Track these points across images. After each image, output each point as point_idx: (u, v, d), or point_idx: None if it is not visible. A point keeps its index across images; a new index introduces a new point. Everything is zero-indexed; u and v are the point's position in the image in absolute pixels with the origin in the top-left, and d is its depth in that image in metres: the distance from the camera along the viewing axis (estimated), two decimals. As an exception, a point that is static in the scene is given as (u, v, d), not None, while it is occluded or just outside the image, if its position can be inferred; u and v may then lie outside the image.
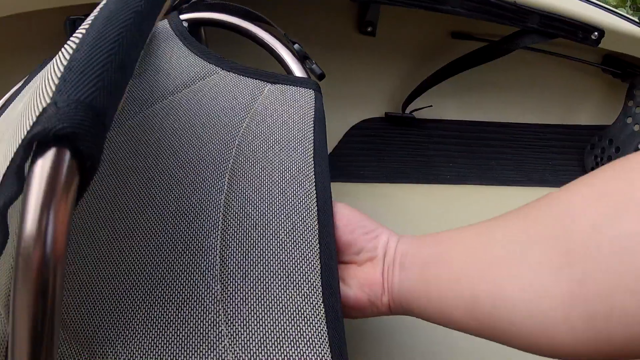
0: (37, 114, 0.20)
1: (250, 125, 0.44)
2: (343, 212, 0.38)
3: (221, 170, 0.40)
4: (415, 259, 0.34)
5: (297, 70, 0.54)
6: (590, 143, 0.92)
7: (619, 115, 0.91)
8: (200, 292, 0.32)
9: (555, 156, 0.92)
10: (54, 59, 0.26)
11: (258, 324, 0.31)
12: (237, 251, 0.34)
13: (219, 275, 0.33)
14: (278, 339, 0.30)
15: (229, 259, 0.34)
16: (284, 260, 0.34)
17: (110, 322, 0.31)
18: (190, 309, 0.32)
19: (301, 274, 0.33)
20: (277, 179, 0.39)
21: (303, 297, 0.32)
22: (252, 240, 0.35)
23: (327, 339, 0.30)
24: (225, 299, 0.32)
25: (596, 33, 0.80)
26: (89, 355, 0.30)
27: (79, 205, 0.31)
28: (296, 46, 0.54)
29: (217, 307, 0.32)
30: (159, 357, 0.30)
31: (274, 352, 0.30)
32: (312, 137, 0.43)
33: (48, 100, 0.20)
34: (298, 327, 0.31)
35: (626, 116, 0.90)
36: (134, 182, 0.39)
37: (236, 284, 0.33)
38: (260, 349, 0.30)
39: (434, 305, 0.31)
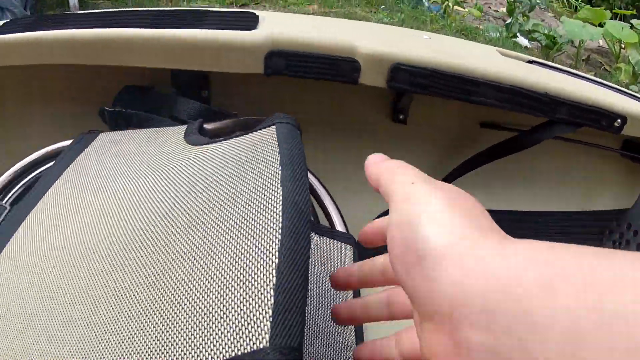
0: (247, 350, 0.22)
1: None
2: None
3: None
4: None
5: (339, 224, 0.56)
6: (609, 229, 0.92)
7: (637, 199, 0.90)
8: None
9: (575, 242, 0.96)
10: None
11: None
12: None
13: None
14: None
15: None
16: None
17: None
18: None
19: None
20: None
21: None
22: None
23: None
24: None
25: (619, 120, 0.79)
26: None
27: None
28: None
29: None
30: None
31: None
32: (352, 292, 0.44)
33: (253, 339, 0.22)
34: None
35: None
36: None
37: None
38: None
39: None
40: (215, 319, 0.25)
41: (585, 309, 0.15)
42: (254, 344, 0.22)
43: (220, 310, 0.25)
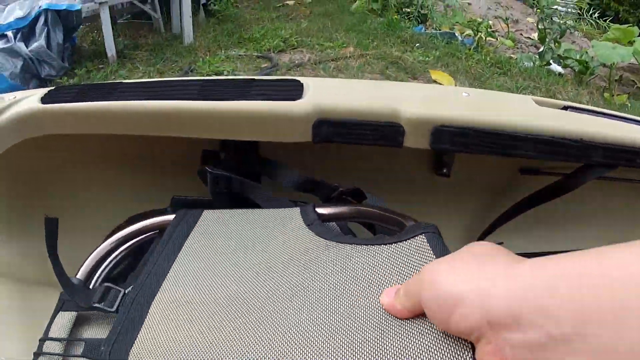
0: None
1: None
2: None
3: None
4: None
5: None
6: None
7: None
8: None
9: None
10: None
11: None
12: None
13: None
14: None
15: None
16: None
17: None
18: None
19: None
20: None
21: None
22: None
23: None
24: None
25: None
26: None
27: None
28: None
29: None
30: None
31: None
32: None
33: None
34: None
35: None
36: None
37: None
38: None
39: None
40: None
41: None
42: None
43: None
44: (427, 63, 2.88)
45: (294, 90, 0.73)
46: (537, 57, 3.25)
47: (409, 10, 3.36)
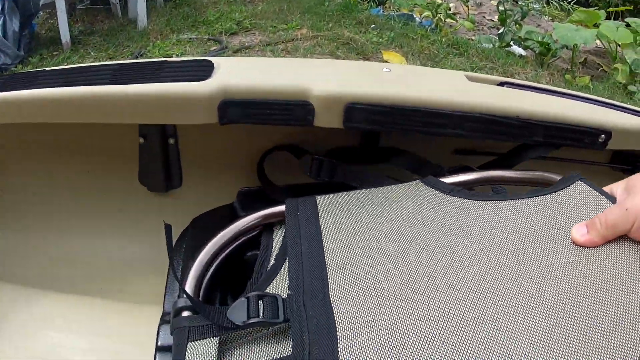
0: None
1: None
2: None
3: None
4: None
5: None
6: None
7: None
8: None
9: None
10: None
11: None
12: None
13: None
14: None
15: None
16: None
17: None
18: None
19: None
20: None
21: None
22: None
23: None
24: None
25: (603, 136, 0.76)
26: None
27: None
28: None
29: None
30: None
31: None
32: None
33: None
34: None
35: None
36: None
37: None
38: None
39: None
40: None
41: None
42: None
43: None
44: (380, 44, 2.84)
45: (202, 71, 0.70)
46: (497, 38, 3.20)
47: (368, -8, 3.32)
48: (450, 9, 3.33)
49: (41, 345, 0.53)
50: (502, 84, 0.83)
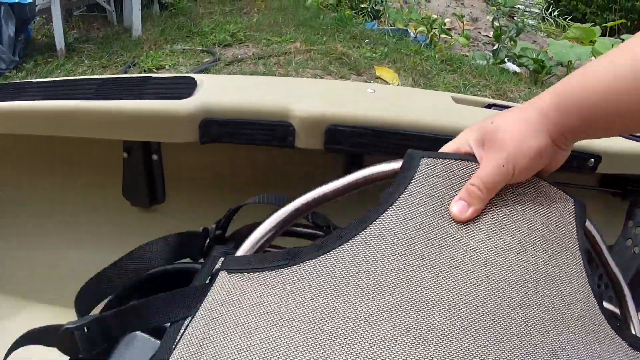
0: None
1: None
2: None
3: None
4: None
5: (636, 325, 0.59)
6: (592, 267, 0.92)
7: (618, 238, 0.87)
8: None
9: None
10: None
11: None
12: None
13: None
14: None
15: None
16: None
17: None
18: None
19: None
20: None
21: None
22: None
23: None
24: None
25: (592, 160, 0.76)
26: None
27: None
28: None
29: None
30: None
31: None
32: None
33: None
34: None
35: (626, 238, 0.86)
36: None
37: None
38: None
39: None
40: None
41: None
42: None
43: None
44: (373, 59, 2.83)
45: (185, 88, 0.70)
46: (491, 55, 3.20)
47: (363, 6, 3.31)
48: (445, 24, 3.33)
49: (25, 356, 0.52)
50: (489, 105, 0.83)
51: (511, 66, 3.19)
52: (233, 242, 0.56)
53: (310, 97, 0.72)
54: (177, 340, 0.40)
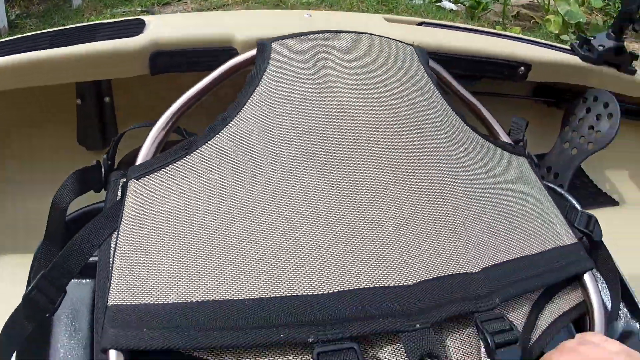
0: None
1: None
2: None
3: None
4: None
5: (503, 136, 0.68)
6: None
7: (556, 142, 0.92)
8: None
9: None
10: None
11: None
12: None
13: None
14: None
15: None
16: None
17: None
18: None
19: None
20: None
21: None
22: None
23: None
24: None
25: (522, 68, 0.80)
26: None
27: None
28: None
29: None
30: None
31: None
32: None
33: None
34: None
35: (563, 141, 0.91)
36: None
37: None
38: None
39: None
40: None
41: None
42: None
43: None
44: (310, 4, 2.90)
45: (135, 29, 0.75)
46: (428, -6, 3.29)
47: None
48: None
49: None
50: (421, 24, 0.88)
51: (447, 4, 3.28)
52: (122, 168, 0.59)
53: (251, 24, 0.77)
54: (112, 258, 0.42)
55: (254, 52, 0.62)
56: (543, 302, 0.49)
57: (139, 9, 2.93)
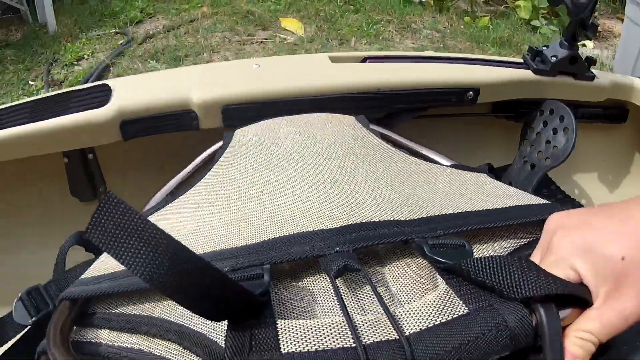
0: None
1: None
2: None
3: None
4: None
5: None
6: None
7: (515, 158, 0.91)
8: None
9: None
10: None
11: None
12: None
13: None
14: None
15: None
16: None
17: None
18: None
19: None
20: None
21: None
22: None
23: None
24: None
25: (471, 93, 0.80)
26: None
27: None
28: None
29: None
30: None
31: None
32: None
33: None
34: None
35: (522, 157, 0.89)
36: None
37: None
38: None
39: None
40: None
41: None
42: None
43: None
44: (278, 11, 2.97)
45: (103, 96, 0.83)
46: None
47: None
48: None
49: None
50: (365, 59, 0.90)
51: (415, -3, 3.33)
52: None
53: (204, 83, 0.83)
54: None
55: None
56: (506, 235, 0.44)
57: (112, 31, 3.00)
